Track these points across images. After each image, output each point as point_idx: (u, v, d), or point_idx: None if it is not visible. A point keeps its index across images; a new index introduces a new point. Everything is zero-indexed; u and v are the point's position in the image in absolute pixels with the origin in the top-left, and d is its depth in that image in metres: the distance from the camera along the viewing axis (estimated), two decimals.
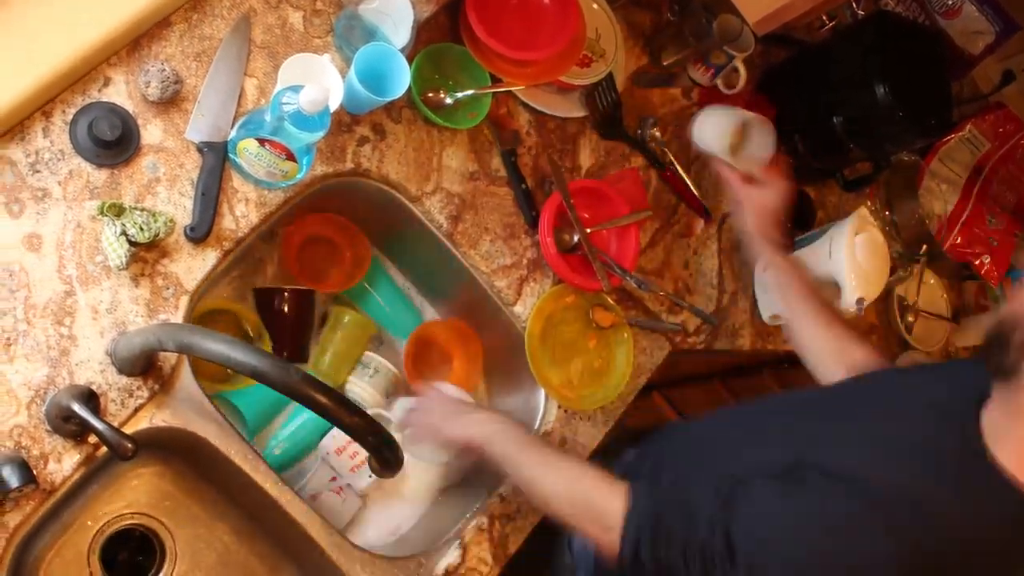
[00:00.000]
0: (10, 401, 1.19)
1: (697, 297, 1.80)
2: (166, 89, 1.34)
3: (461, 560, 1.47)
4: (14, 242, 1.24)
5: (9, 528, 1.17)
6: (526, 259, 1.62)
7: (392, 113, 1.53)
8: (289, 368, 1.01)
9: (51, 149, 1.28)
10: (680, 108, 1.87)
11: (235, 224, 1.38)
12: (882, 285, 1.76)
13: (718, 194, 1.88)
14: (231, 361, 1.01)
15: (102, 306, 1.27)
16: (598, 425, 1.65)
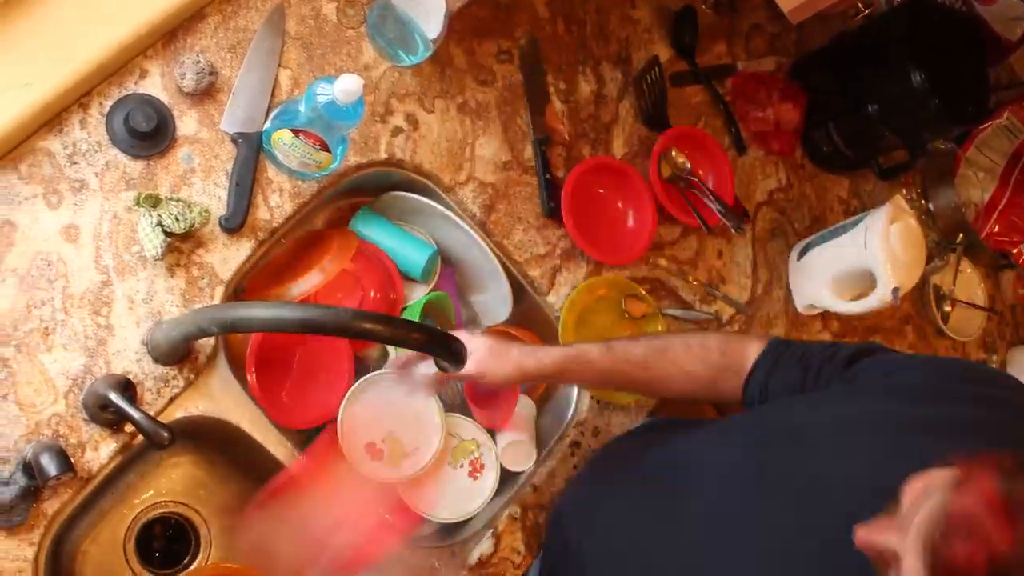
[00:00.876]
0: (48, 390, 1.20)
1: (731, 287, 1.78)
2: (201, 81, 1.34)
3: (494, 549, 1.46)
4: (52, 233, 1.24)
5: (48, 515, 1.17)
6: (559, 248, 1.61)
7: (425, 103, 1.52)
8: (339, 311, 1.02)
9: (88, 141, 1.28)
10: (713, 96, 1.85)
11: (269, 214, 1.37)
12: (918, 274, 1.73)
13: (751, 183, 1.85)
14: (282, 322, 1.02)
15: (138, 296, 1.27)
16: (631, 415, 1.63)
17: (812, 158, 1.96)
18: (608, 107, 1.72)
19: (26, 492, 1.14)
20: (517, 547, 1.48)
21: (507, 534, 1.48)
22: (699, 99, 1.83)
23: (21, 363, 1.19)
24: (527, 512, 1.50)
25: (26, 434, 1.17)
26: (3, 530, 1.14)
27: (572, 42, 1.69)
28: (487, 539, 1.47)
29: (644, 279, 1.68)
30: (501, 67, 1.61)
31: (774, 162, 1.90)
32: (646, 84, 1.74)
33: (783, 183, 1.90)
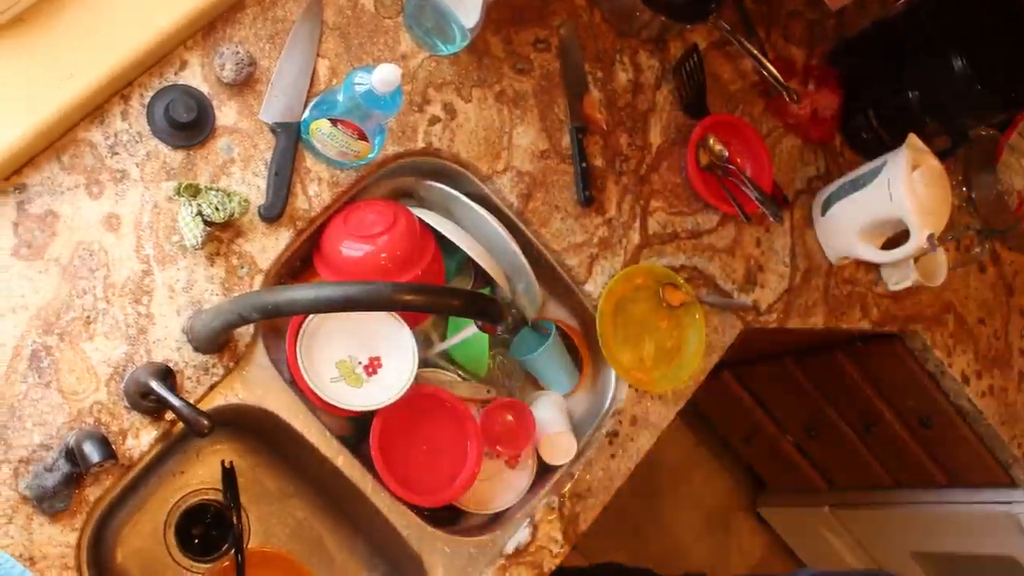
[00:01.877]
0: (90, 378, 1.19)
1: (769, 275, 1.75)
2: (240, 71, 1.33)
3: (531, 538, 1.45)
4: (94, 223, 1.24)
5: (90, 502, 1.17)
6: (597, 237, 1.58)
7: (463, 92, 1.50)
8: (378, 284, 1.00)
9: (129, 131, 1.28)
10: (752, 84, 1.81)
11: (308, 204, 1.37)
12: (947, 214, 1.68)
13: (790, 171, 1.82)
14: (323, 302, 1.01)
15: (178, 285, 1.26)
16: (668, 405, 1.61)
17: (851, 145, 1.92)
18: (645, 95, 1.69)
19: (69, 479, 1.14)
20: (555, 536, 1.47)
21: (544, 523, 1.46)
22: (737, 87, 1.80)
23: (64, 351, 1.19)
24: (565, 502, 1.49)
25: (68, 421, 1.17)
26: (47, 516, 1.14)
27: (609, 30, 1.67)
28: (524, 528, 1.45)
29: (683, 267, 1.65)
30: (539, 56, 1.59)
31: (813, 149, 1.86)
32: (685, 72, 1.71)
33: (822, 170, 1.86)
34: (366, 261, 1.38)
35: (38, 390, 1.17)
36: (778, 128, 1.82)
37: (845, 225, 1.76)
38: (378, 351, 1.41)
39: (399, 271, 1.39)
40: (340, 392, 1.36)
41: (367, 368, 1.40)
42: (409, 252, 1.40)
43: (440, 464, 1.46)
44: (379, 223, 1.39)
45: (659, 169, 1.66)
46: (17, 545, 1.13)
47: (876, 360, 2.14)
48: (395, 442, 1.42)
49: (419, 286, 1.02)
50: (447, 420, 1.47)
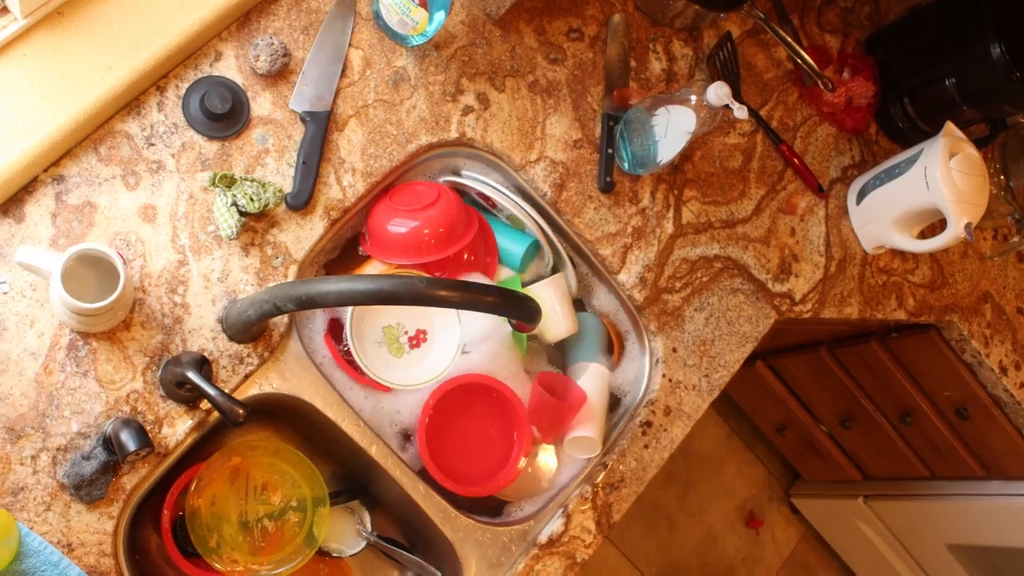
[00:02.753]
0: (127, 367, 1.19)
1: (803, 265, 1.72)
2: (275, 62, 1.33)
3: (565, 528, 1.43)
4: (130, 213, 1.24)
5: (126, 490, 1.17)
6: (630, 227, 1.56)
7: (496, 82, 1.49)
8: (413, 280, 0.99)
9: (165, 123, 1.28)
10: (786, 73, 1.78)
11: (342, 194, 1.36)
12: (985, 202, 1.65)
13: (824, 160, 1.79)
14: (357, 294, 1.00)
15: (214, 275, 1.26)
16: (703, 394, 1.59)
17: (887, 133, 1.88)
18: (679, 84, 1.67)
19: (106, 467, 1.14)
20: (588, 526, 1.45)
21: (577, 513, 1.45)
22: (771, 75, 1.77)
23: (101, 341, 1.19)
24: (598, 491, 1.47)
25: (105, 410, 1.17)
26: (84, 504, 1.15)
27: (642, 19, 1.64)
28: (557, 518, 1.44)
29: (716, 257, 1.63)
30: (572, 45, 1.57)
31: (848, 138, 1.83)
32: (719, 60, 1.69)
33: (856, 159, 1.83)
34: (411, 236, 1.38)
35: (76, 379, 1.17)
36: (813, 117, 1.79)
37: (880, 214, 1.73)
38: (426, 325, 1.42)
39: (443, 245, 1.40)
40: (378, 359, 1.37)
41: (412, 340, 1.41)
42: (452, 226, 1.40)
43: (484, 454, 1.45)
44: (423, 199, 1.39)
45: (693, 158, 1.64)
46: (55, 532, 1.13)
47: (912, 350, 2.10)
48: (440, 429, 1.42)
49: (454, 282, 1.00)
50: (494, 408, 1.46)
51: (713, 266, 1.63)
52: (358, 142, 1.38)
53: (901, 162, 1.70)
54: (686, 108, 1.47)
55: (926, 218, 1.70)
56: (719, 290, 1.63)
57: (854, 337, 2.22)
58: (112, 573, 1.15)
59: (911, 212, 1.68)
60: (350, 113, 1.38)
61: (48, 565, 1.12)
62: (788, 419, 2.64)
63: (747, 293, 1.65)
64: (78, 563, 1.13)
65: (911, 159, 1.68)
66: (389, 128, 1.41)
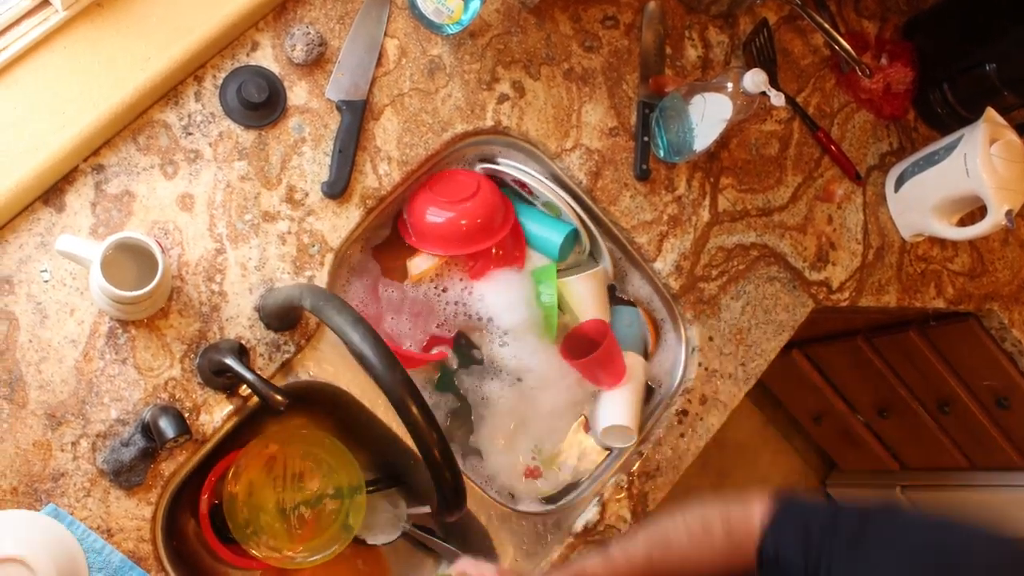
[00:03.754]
0: (165, 355, 1.19)
1: (841, 253, 1.68)
2: (311, 51, 1.32)
3: (600, 517, 1.42)
4: (169, 202, 1.23)
5: (164, 476, 1.17)
6: (666, 215, 1.54)
7: (531, 70, 1.47)
8: (395, 369, 0.92)
9: (202, 112, 1.27)
10: (823, 59, 1.75)
11: (378, 182, 1.34)
12: None
13: (862, 147, 1.75)
14: (345, 338, 0.95)
15: (251, 263, 1.25)
16: (739, 383, 1.56)
17: (926, 120, 1.84)
18: (714, 71, 1.64)
19: (144, 453, 1.14)
20: (623, 515, 1.43)
21: (613, 502, 1.43)
22: (808, 62, 1.73)
23: (139, 328, 1.18)
24: (633, 480, 1.45)
25: (144, 397, 1.17)
26: (123, 490, 1.14)
27: (678, 6, 1.61)
28: (593, 506, 1.42)
29: (753, 244, 1.60)
30: (607, 33, 1.54)
31: (886, 125, 1.79)
32: (755, 47, 1.65)
33: (895, 146, 1.79)
34: (448, 227, 1.38)
35: (115, 366, 1.17)
36: (850, 103, 1.75)
37: (919, 201, 1.69)
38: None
39: (478, 238, 1.40)
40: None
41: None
42: (489, 220, 1.40)
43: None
44: (462, 191, 1.39)
45: (729, 145, 1.61)
46: (95, 517, 1.13)
47: (951, 339, 2.06)
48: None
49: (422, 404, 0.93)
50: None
51: (749, 254, 1.60)
52: (394, 131, 1.37)
53: (940, 149, 1.66)
54: (722, 95, 1.44)
55: (966, 205, 1.66)
56: (755, 278, 1.60)
57: (892, 326, 2.18)
58: (150, 559, 1.15)
59: (950, 199, 1.64)
60: (386, 102, 1.37)
61: (92, 552, 1.11)
62: (824, 408, 2.60)
63: (784, 281, 1.62)
64: (117, 548, 1.13)
65: (950, 146, 1.64)
66: (425, 117, 1.39)
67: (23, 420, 1.13)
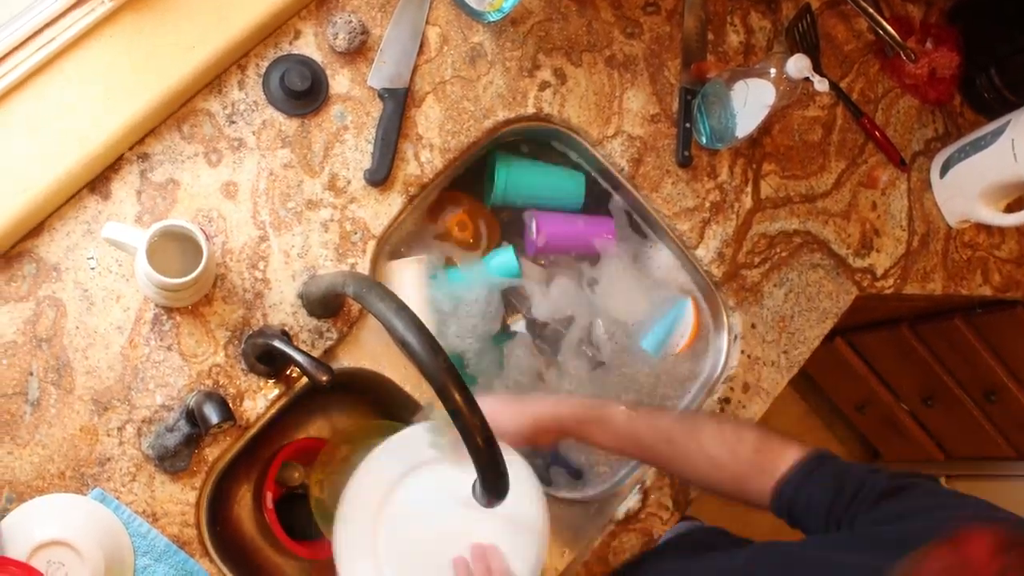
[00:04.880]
0: (209, 341, 1.17)
1: (885, 239, 1.63)
2: (353, 40, 1.29)
3: (642, 504, 1.38)
4: (212, 190, 1.22)
5: (208, 461, 1.15)
6: (708, 201, 1.50)
7: (573, 57, 1.43)
8: (438, 355, 0.89)
9: (246, 100, 1.25)
10: (867, 44, 1.69)
11: (420, 170, 1.32)
12: None
13: (907, 133, 1.69)
14: (388, 324, 0.92)
15: (293, 251, 1.23)
16: (781, 371, 1.52)
17: (972, 105, 1.77)
18: (757, 57, 1.59)
19: (189, 439, 1.12)
20: (665, 503, 1.39)
21: (655, 490, 1.39)
22: (852, 47, 1.68)
23: (184, 315, 1.17)
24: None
25: (188, 383, 1.16)
26: (168, 475, 1.13)
27: None
28: (634, 495, 1.39)
29: (796, 231, 1.55)
30: (648, 19, 1.50)
31: (931, 110, 1.73)
32: (798, 32, 1.60)
33: (940, 132, 1.73)
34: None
35: (160, 353, 1.15)
36: (894, 89, 1.70)
37: (965, 187, 1.63)
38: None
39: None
40: None
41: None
42: None
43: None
44: None
45: (771, 132, 1.56)
46: (140, 502, 1.12)
47: (997, 327, 1.99)
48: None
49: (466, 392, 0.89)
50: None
51: (792, 241, 1.55)
52: (436, 118, 1.34)
53: (987, 134, 1.60)
54: (765, 81, 1.40)
55: (1013, 191, 1.60)
56: (798, 265, 1.55)
57: (937, 313, 2.12)
58: (194, 543, 1.13)
59: (997, 185, 1.58)
60: (427, 89, 1.34)
61: (137, 536, 1.10)
62: (868, 397, 2.54)
63: (827, 268, 1.57)
64: (162, 532, 1.11)
65: (998, 131, 1.57)
66: (466, 104, 1.36)
67: (70, 405, 1.12)
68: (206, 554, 1.14)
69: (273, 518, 1.30)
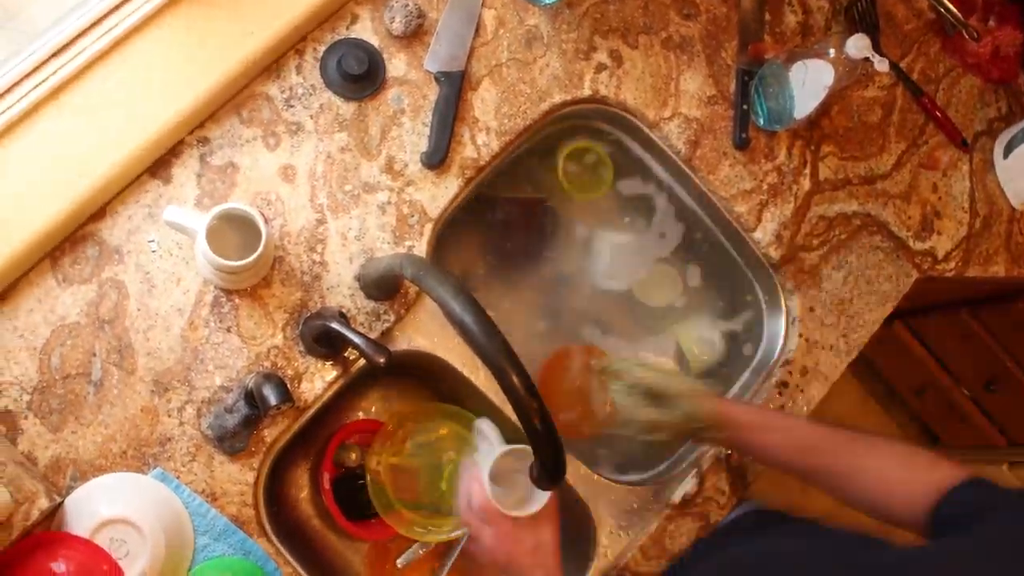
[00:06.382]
0: (267, 323, 1.14)
1: (946, 222, 1.55)
2: (409, 23, 1.25)
3: (698, 489, 1.32)
4: (271, 173, 1.19)
5: (266, 442, 1.13)
6: (766, 184, 1.43)
7: (629, 39, 1.37)
8: (495, 337, 0.86)
9: (303, 85, 1.22)
10: (927, 23, 1.61)
11: (476, 153, 1.27)
12: None
13: (969, 113, 1.61)
14: (446, 307, 0.89)
15: (351, 233, 1.20)
16: (840, 355, 1.45)
17: None
18: (815, 38, 1.52)
19: (248, 420, 1.09)
20: (722, 487, 1.34)
21: (712, 474, 1.33)
22: (912, 26, 1.60)
23: (243, 298, 1.14)
24: (732, 453, 1.35)
25: (247, 365, 1.13)
26: (227, 455, 1.10)
27: None
28: (691, 479, 1.33)
29: (855, 213, 1.48)
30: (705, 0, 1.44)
31: (994, 89, 1.64)
32: (857, 12, 1.53)
33: (1003, 111, 1.64)
34: None
35: (219, 335, 1.13)
36: (956, 68, 1.61)
37: None
38: None
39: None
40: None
41: None
42: None
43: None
44: None
45: (830, 113, 1.49)
46: (200, 481, 1.09)
47: None
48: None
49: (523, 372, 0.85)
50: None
51: (851, 223, 1.48)
52: (492, 101, 1.29)
53: None
54: (824, 61, 1.33)
55: None
56: (858, 248, 1.48)
57: (1000, 297, 2.01)
58: (252, 522, 1.11)
59: None
60: (483, 72, 1.30)
61: (197, 515, 1.08)
62: (927, 381, 2.43)
63: (887, 251, 1.50)
64: (221, 512, 1.09)
65: None
66: (522, 87, 1.31)
67: (132, 386, 1.09)
68: (264, 534, 1.11)
69: (330, 499, 1.27)
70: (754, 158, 1.43)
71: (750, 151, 1.43)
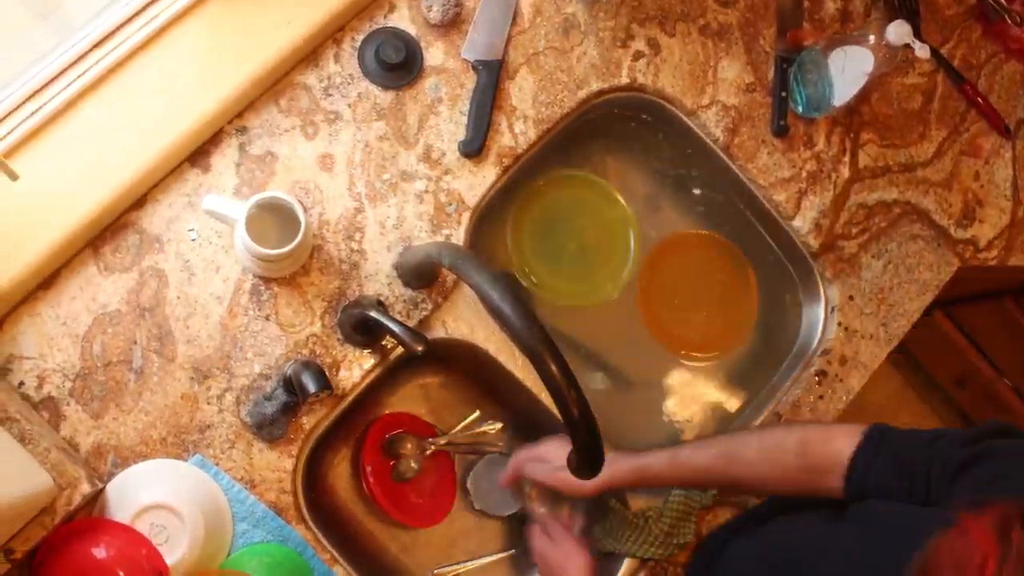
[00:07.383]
0: (306, 311, 1.12)
1: (988, 210, 1.49)
2: (447, 12, 1.22)
3: None
4: (309, 162, 1.16)
5: (305, 430, 1.10)
6: (805, 172, 1.38)
7: (666, 27, 1.33)
8: (534, 325, 0.83)
9: (341, 74, 1.19)
10: (969, 8, 1.55)
11: (514, 141, 1.24)
12: None
13: (1012, 99, 1.55)
14: (484, 295, 0.86)
15: (389, 222, 1.17)
16: (880, 344, 1.40)
17: None
18: (854, 24, 1.46)
19: (286, 407, 1.07)
20: None
21: None
22: (953, 12, 1.54)
23: (281, 286, 1.12)
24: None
25: (286, 353, 1.11)
26: (266, 442, 1.08)
27: None
28: None
29: (895, 201, 1.42)
30: None
31: None
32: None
33: None
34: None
35: (258, 322, 1.10)
36: (998, 54, 1.55)
37: None
38: None
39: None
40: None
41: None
42: None
43: None
44: None
45: (870, 100, 1.44)
46: (239, 468, 1.07)
47: None
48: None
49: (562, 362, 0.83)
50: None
51: (892, 211, 1.43)
52: (529, 89, 1.26)
53: None
54: (863, 48, 1.28)
55: None
56: (898, 236, 1.43)
57: None
58: (291, 509, 1.08)
59: None
60: (521, 61, 1.26)
61: (236, 502, 1.06)
62: (968, 372, 2.35)
63: (927, 239, 1.44)
64: (260, 499, 1.06)
65: None
66: (560, 75, 1.28)
67: (172, 374, 1.07)
68: (302, 520, 1.09)
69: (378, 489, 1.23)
70: (793, 146, 1.38)
71: (789, 139, 1.38)
